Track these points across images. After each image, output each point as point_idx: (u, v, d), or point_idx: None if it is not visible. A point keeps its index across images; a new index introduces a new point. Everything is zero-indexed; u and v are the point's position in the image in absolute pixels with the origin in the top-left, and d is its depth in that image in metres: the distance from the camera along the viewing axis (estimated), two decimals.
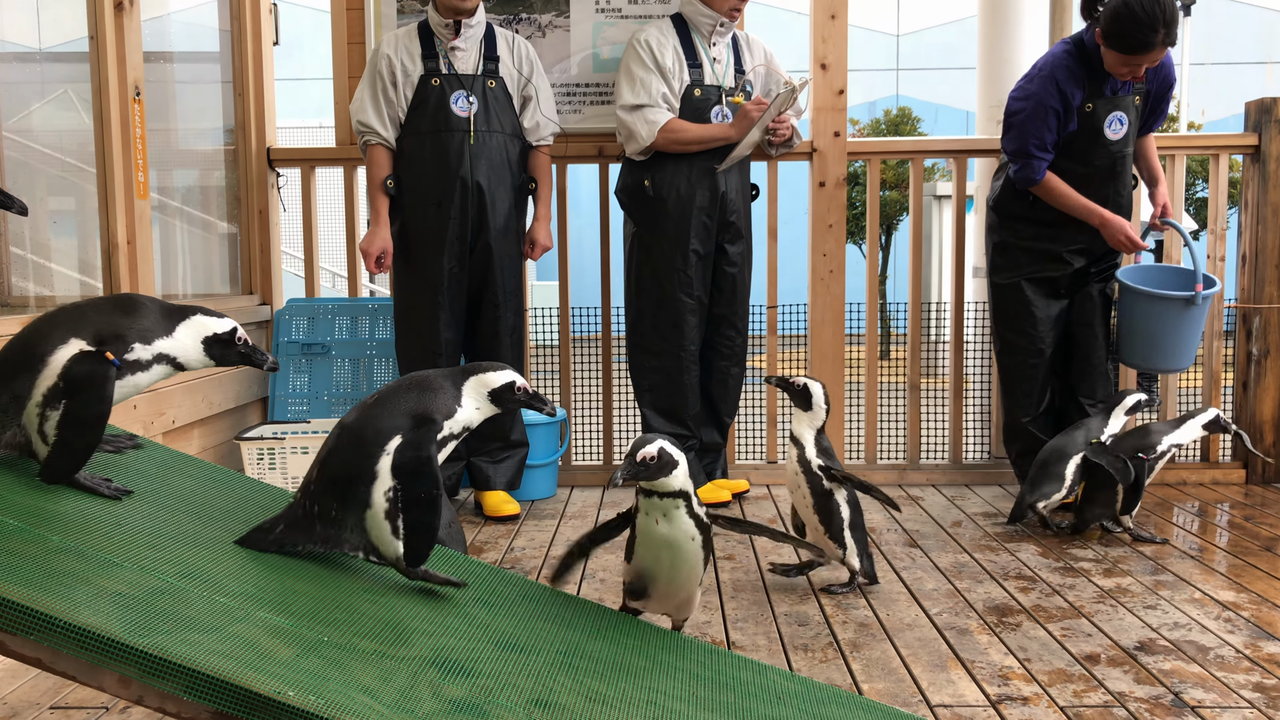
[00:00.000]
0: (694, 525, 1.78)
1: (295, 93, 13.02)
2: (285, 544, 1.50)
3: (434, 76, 3.13)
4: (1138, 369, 3.33)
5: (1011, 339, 3.36)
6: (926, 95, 15.80)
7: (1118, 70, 3.09)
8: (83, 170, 3.00)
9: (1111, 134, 3.19)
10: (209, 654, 1.14)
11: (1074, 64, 3.15)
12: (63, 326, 1.44)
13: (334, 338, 3.63)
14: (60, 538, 1.31)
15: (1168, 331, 3.15)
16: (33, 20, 3.46)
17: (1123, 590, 2.54)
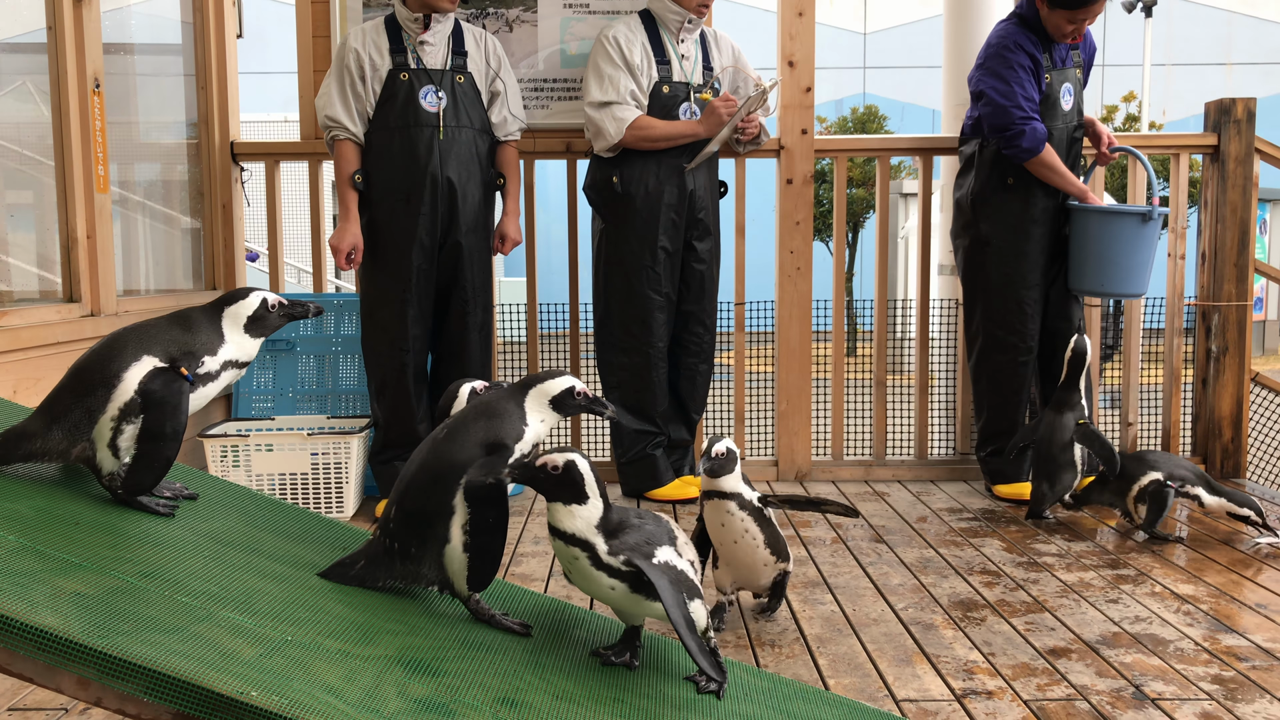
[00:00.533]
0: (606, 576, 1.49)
1: (260, 86, 12.89)
2: (366, 580, 1.52)
3: (403, 71, 3.11)
4: (1091, 294, 3.32)
5: (1002, 336, 3.37)
6: (893, 93, 15.91)
7: (1063, 29, 3.15)
8: (41, 163, 2.95)
9: (1065, 104, 3.27)
10: (170, 654, 1.12)
11: (1027, 30, 3.22)
12: (133, 345, 1.52)
13: (299, 334, 3.59)
14: (17, 537, 1.29)
15: (1121, 252, 3.16)
16: None
17: (1085, 584, 2.57)
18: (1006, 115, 3.17)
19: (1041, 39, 3.21)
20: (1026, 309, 3.34)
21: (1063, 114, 3.26)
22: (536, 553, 2.87)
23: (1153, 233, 3.19)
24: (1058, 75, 3.22)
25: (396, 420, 3.23)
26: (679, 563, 1.53)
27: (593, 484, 1.50)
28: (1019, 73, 3.16)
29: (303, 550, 1.58)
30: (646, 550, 1.49)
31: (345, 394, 3.58)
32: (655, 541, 1.52)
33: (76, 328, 2.72)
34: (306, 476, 3.19)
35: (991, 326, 3.40)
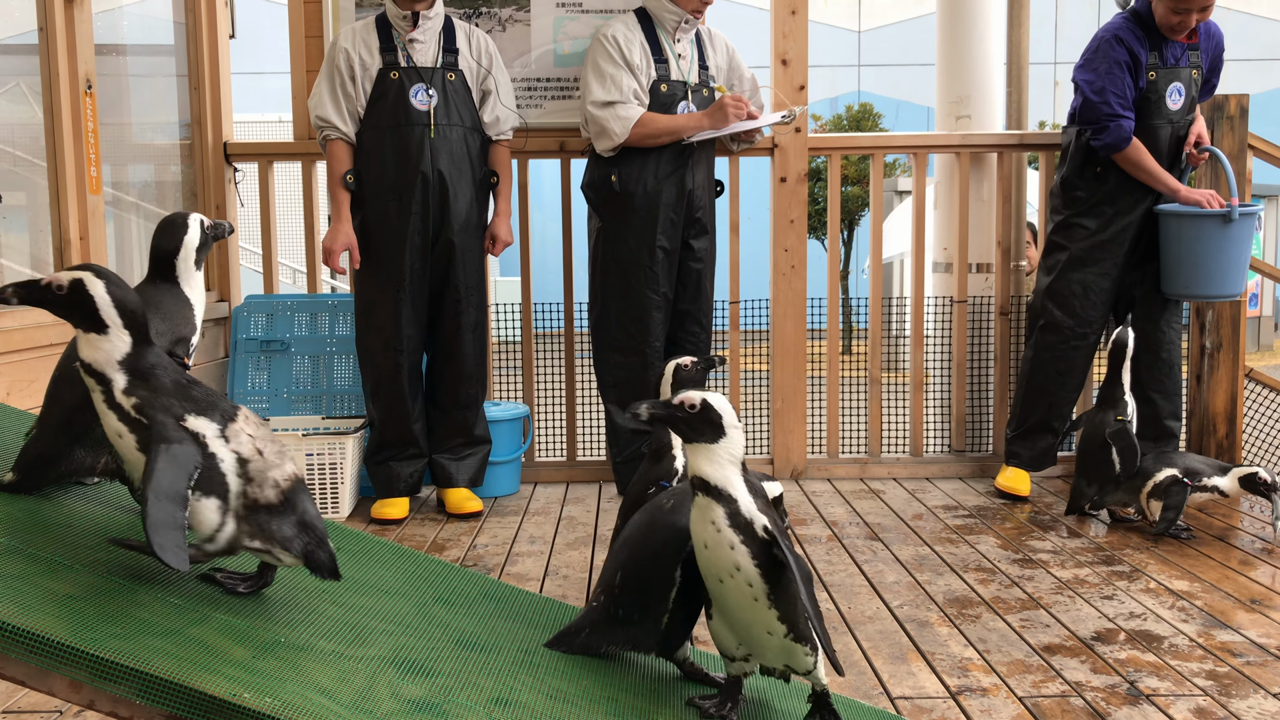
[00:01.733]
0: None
1: (253, 86, 12.85)
2: (591, 647, 1.53)
3: (393, 69, 3.10)
4: (1181, 297, 3.31)
5: (1059, 316, 3.37)
6: (888, 91, 15.91)
7: (1169, 21, 3.16)
8: (34, 164, 2.94)
9: (1172, 104, 3.25)
10: (162, 656, 1.12)
11: (1134, 28, 3.23)
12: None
13: (293, 334, 3.59)
14: (9, 539, 1.28)
15: (1204, 254, 3.16)
16: None
17: (1080, 581, 2.58)
18: (1095, 109, 3.22)
19: (1153, 37, 3.22)
20: (1091, 295, 3.34)
21: (1168, 112, 3.26)
22: (532, 552, 2.87)
23: (1240, 233, 3.15)
24: (1166, 74, 3.23)
25: (391, 420, 3.23)
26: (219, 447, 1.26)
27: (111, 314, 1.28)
28: (1114, 68, 3.19)
29: None
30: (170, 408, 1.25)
31: (340, 394, 3.58)
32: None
33: (69, 330, 2.71)
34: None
35: (1051, 305, 3.41)
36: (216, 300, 3.69)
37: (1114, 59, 3.20)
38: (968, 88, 4.31)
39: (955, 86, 4.31)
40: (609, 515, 3.26)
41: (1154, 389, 3.38)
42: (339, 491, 3.20)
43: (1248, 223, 3.17)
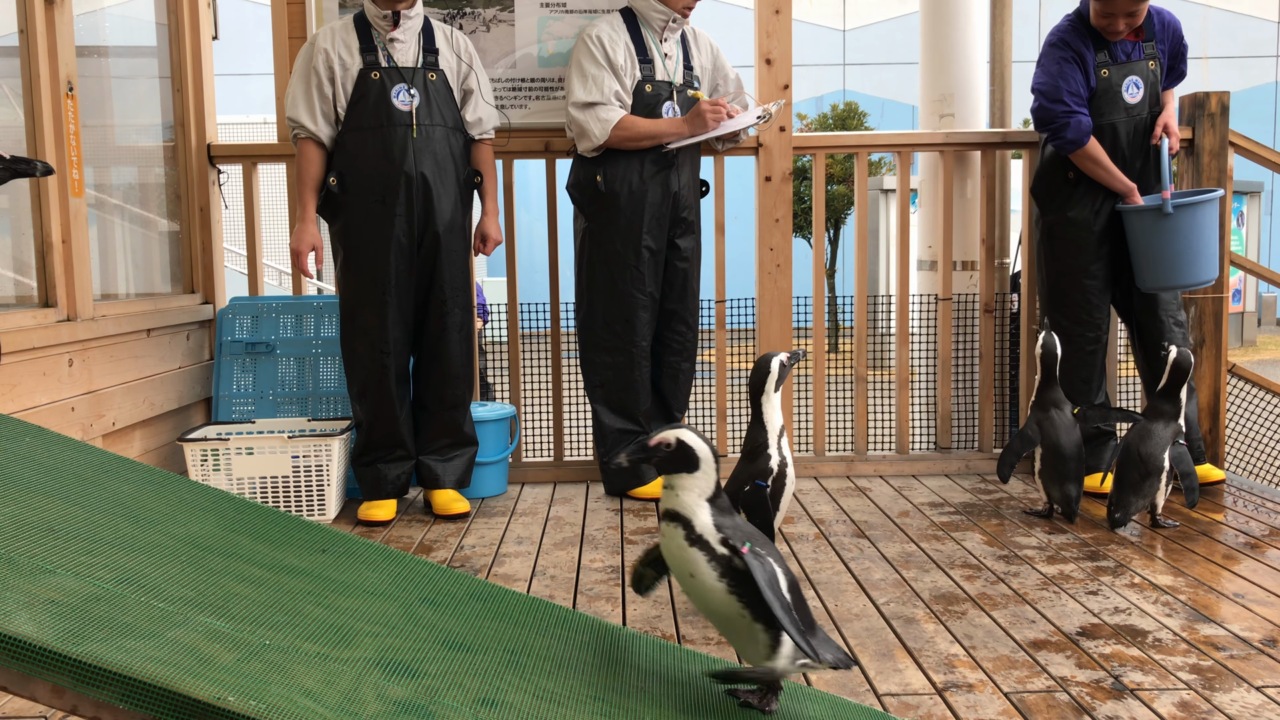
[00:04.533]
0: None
1: (237, 88, 12.81)
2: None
3: (374, 70, 3.10)
4: (1154, 289, 3.31)
5: (1066, 325, 3.39)
6: (873, 90, 15.95)
7: (1099, 24, 3.20)
8: None
9: (1129, 97, 3.27)
10: (146, 661, 1.12)
11: (1078, 27, 3.27)
12: None
13: (279, 336, 3.58)
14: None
15: (1167, 245, 3.18)
16: None
17: (1065, 577, 2.59)
18: (1050, 110, 3.24)
19: (1099, 35, 3.25)
20: (1091, 299, 3.36)
21: (1127, 106, 3.28)
22: (519, 553, 2.87)
23: (1198, 221, 3.17)
24: (1119, 70, 3.26)
25: (379, 422, 3.22)
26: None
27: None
28: (1063, 66, 3.22)
29: (281, 553, 1.57)
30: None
31: (326, 396, 3.57)
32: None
33: (53, 333, 2.70)
34: (288, 479, 3.17)
35: (1057, 315, 3.42)
36: (201, 302, 3.68)
37: (1061, 58, 3.24)
38: (951, 86, 4.33)
39: (939, 85, 4.33)
40: (596, 515, 3.26)
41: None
42: (325, 493, 3.19)
43: (1206, 210, 3.20)
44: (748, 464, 2.33)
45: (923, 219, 4.44)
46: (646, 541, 2.96)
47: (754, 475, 2.32)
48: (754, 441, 2.33)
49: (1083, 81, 3.23)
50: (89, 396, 2.86)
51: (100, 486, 1.59)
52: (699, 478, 1.52)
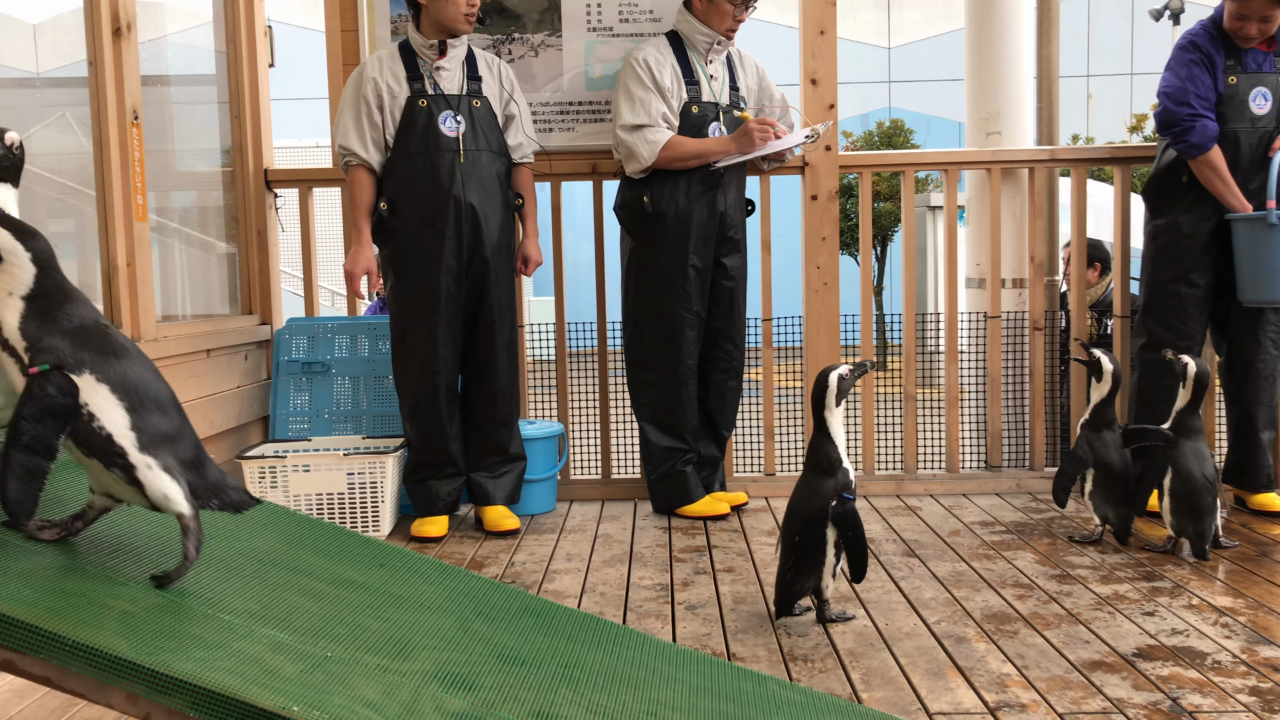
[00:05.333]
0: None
1: (291, 112, 13.06)
2: None
3: (421, 97, 3.16)
4: (1253, 304, 3.26)
5: (1158, 332, 3.34)
6: (919, 107, 15.89)
7: (1232, 27, 3.18)
8: (81, 193, 3.02)
9: (1256, 108, 3.24)
10: (214, 670, 1.16)
11: (1211, 33, 3.25)
12: None
13: (334, 356, 3.65)
14: (67, 557, 1.33)
15: (1263, 258, 3.14)
16: (30, 46, 3.49)
17: (1120, 597, 2.56)
18: (1175, 113, 3.22)
19: (1233, 42, 3.24)
20: (1188, 307, 3.31)
21: (1252, 117, 3.25)
22: (569, 570, 2.89)
23: None
24: (1247, 79, 3.23)
25: (429, 440, 3.27)
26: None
27: None
28: (1192, 70, 3.21)
29: (341, 568, 1.61)
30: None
31: (379, 415, 3.63)
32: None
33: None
34: (343, 496, 3.23)
35: (1150, 321, 3.38)
36: (259, 323, 3.76)
37: (1190, 61, 3.22)
38: (998, 103, 4.32)
39: (985, 102, 4.32)
40: (644, 533, 3.28)
41: (1250, 399, 3.34)
42: (379, 510, 3.25)
43: None
44: (824, 479, 2.34)
45: (971, 236, 4.42)
46: (695, 559, 2.97)
47: (838, 489, 2.33)
48: (827, 457, 2.35)
49: (1210, 86, 3.20)
50: None
51: None
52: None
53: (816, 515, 2.31)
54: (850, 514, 2.32)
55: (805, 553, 2.34)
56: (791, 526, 2.35)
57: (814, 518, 2.31)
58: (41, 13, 3.92)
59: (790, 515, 2.38)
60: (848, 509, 2.32)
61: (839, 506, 2.32)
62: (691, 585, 2.73)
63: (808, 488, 2.36)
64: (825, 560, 2.34)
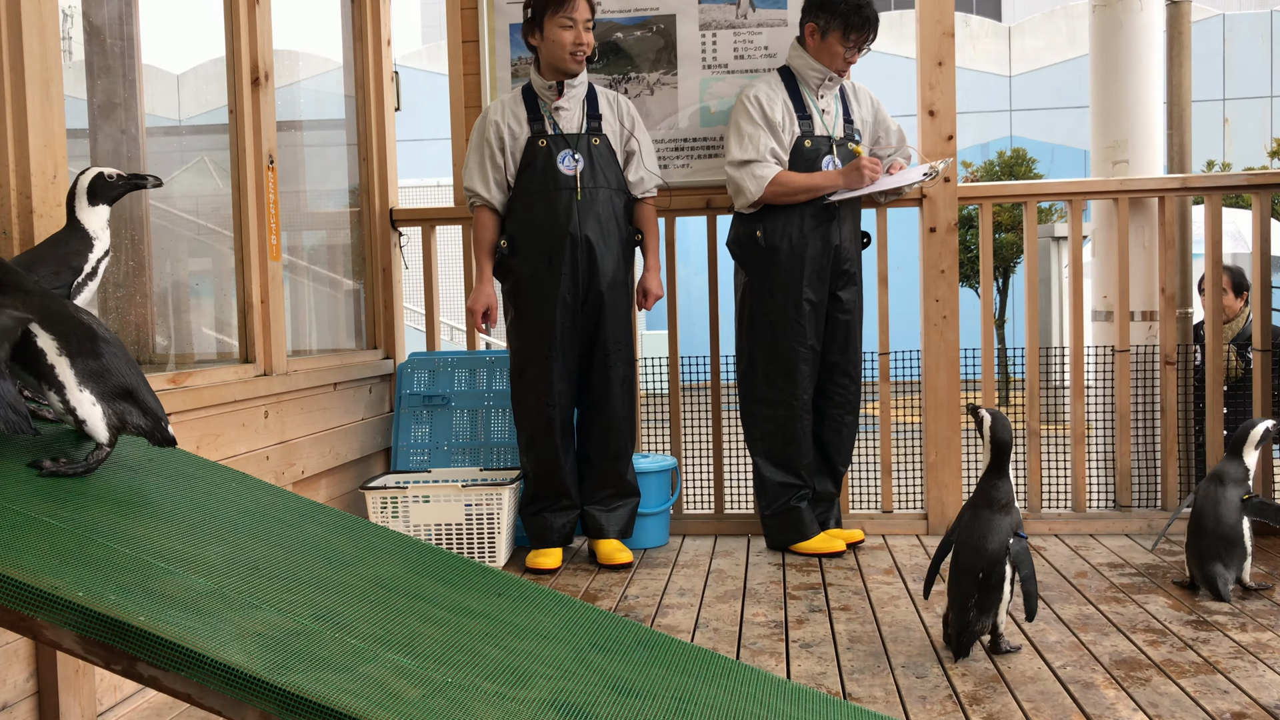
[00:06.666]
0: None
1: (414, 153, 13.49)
2: None
3: (541, 138, 3.24)
4: None
5: None
6: (1042, 135, 15.51)
7: None
8: (219, 233, 3.19)
9: None
10: (342, 693, 1.20)
11: None
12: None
13: (453, 389, 3.74)
14: (206, 581, 1.39)
15: None
16: (174, 95, 3.71)
17: (1262, 645, 2.43)
18: None
19: None
20: None
21: None
22: (682, 604, 2.89)
23: None
24: None
25: (545, 473, 3.32)
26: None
27: None
28: None
29: (460, 595, 1.65)
30: None
31: (497, 447, 3.70)
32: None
33: (250, 387, 2.91)
34: (461, 527, 3.30)
35: None
36: (382, 357, 3.89)
37: None
38: (1125, 131, 4.19)
39: (1111, 130, 4.20)
40: (758, 569, 3.26)
41: None
42: (495, 541, 3.30)
43: None
44: (1002, 516, 2.38)
45: (1097, 268, 4.29)
46: (810, 597, 2.94)
47: (1015, 528, 2.39)
48: (1005, 495, 2.41)
49: None
50: (281, 446, 3.06)
51: (297, 529, 1.71)
52: None
53: (999, 552, 2.34)
54: (1026, 552, 2.38)
55: (988, 591, 2.35)
56: (974, 564, 2.35)
57: (997, 555, 2.35)
58: (185, 64, 4.17)
59: (969, 553, 2.37)
60: (1024, 547, 2.37)
61: (1017, 544, 2.36)
62: (806, 623, 2.70)
63: (985, 525, 2.38)
64: (1004, 598, 2.37)
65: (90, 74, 2.92)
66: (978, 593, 2.34)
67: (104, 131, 2.94)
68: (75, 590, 1.23)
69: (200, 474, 1.75)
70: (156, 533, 1.50)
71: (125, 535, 1.44)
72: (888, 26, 3.69)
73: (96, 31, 2.93)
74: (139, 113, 2.99)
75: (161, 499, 1.62)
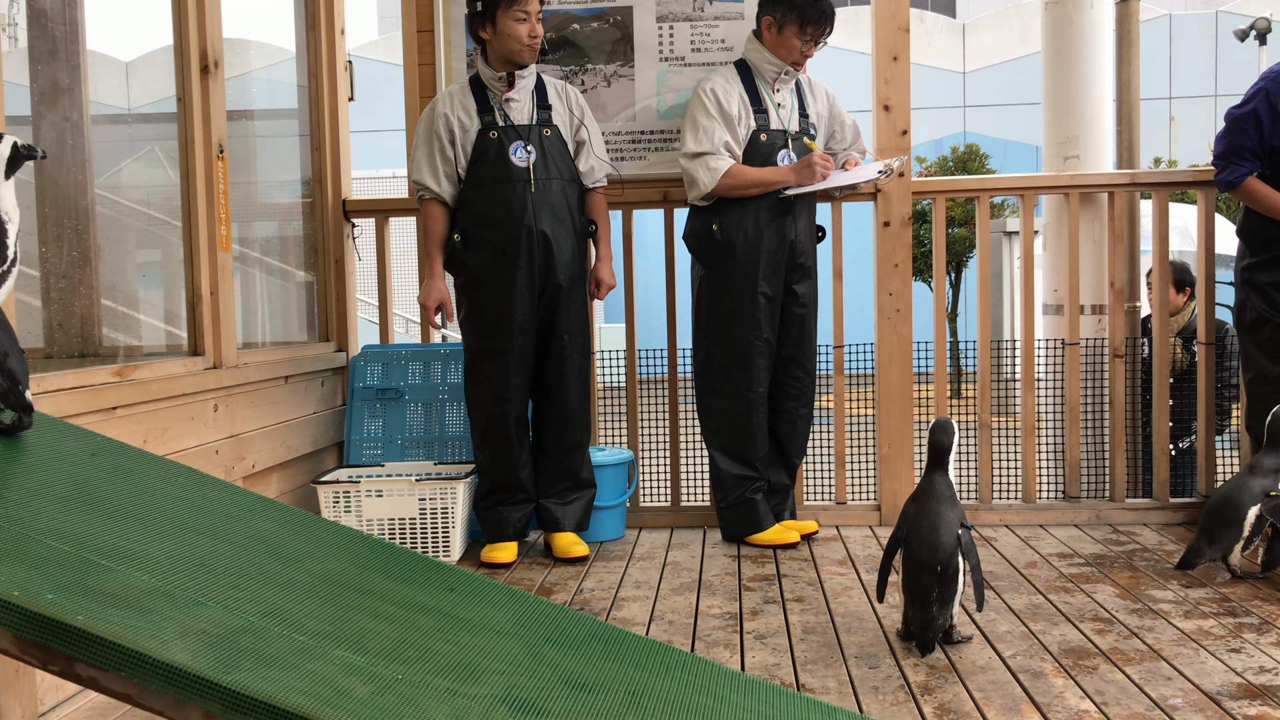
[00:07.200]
0: None
1: (369, 144, 13.36)
2: None
3: (492, 129, 3.22)
4: None
5: (1269, 367, 3.28)
6: (995, 131, 15.70)
7: None
8: (168, 224, 3.13)
9: None
10: (288, 691, 1.18)
11: None
12: None
13: (407, 382, 3.71)
14: (149, 578, 1.37)
15: None
16: (123, 83, 3.63)
17: (1204, 633, 2.48)
18: (1220, 146, 3.27)
19: None
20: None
21: None
22: (638, 597, 2.89)
23: None
24: None
25: (500, 467, 3.30)
26: None
27: None
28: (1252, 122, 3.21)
29: (412, 591, 1.64)
30: None
31: (451, 441, 3.68)
32: None
33: (200, 380, 2.86)
34: (414, 521, 3.27)
35: (1255, 353, 3.32)
36: (335, 350, 3.85)
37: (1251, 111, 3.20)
38: (1076, 127, 4.25)
39: (1063, 126, 4.26)
40: (713, 561, 3.27)
41: None
42: (450, 535, 3.28)
43: None
44: (951, 509, 2.42)
45: (1048, 262, 4.35)
46: (765, 588, 2.95)
47: (961, 519, 2.42)
48: (950, 487, 2.46)
49: (1258, 138, 3.19)
50: (232, 440, 3.01)
51: (246, 525, 1.68)
52: None
53: (953, 545, 2.38)
54: (973, 542, 2.42)
55: (946, 583, 2.37)
56: (932, 559, 2.37)
57: (952, 548, 2.38)
58: (134, 51, 4.09)
59: (925, 547, 2.38)
60: (970, 538, 2.41)
61: (965, 535, 2.40)
62: (761, 614, 2.71)
63: (935, 518, 2.40)
64: (959, 588, 2.40)
65: (33, 60, 2.85)
66: (938, 586, 2.36)
67: (47, 119, 2.88)
68: (11, 589, 1.21)
69: (145, 468, 1.72)
70: (98, 529, 1.47)
71: (65, 532, 1.41)
72: (844, 22, 3.71)
73: (40, 16, 2.86)
74: (84, 100, 2.92)
75: (104, 494, 1.59)
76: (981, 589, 2.38)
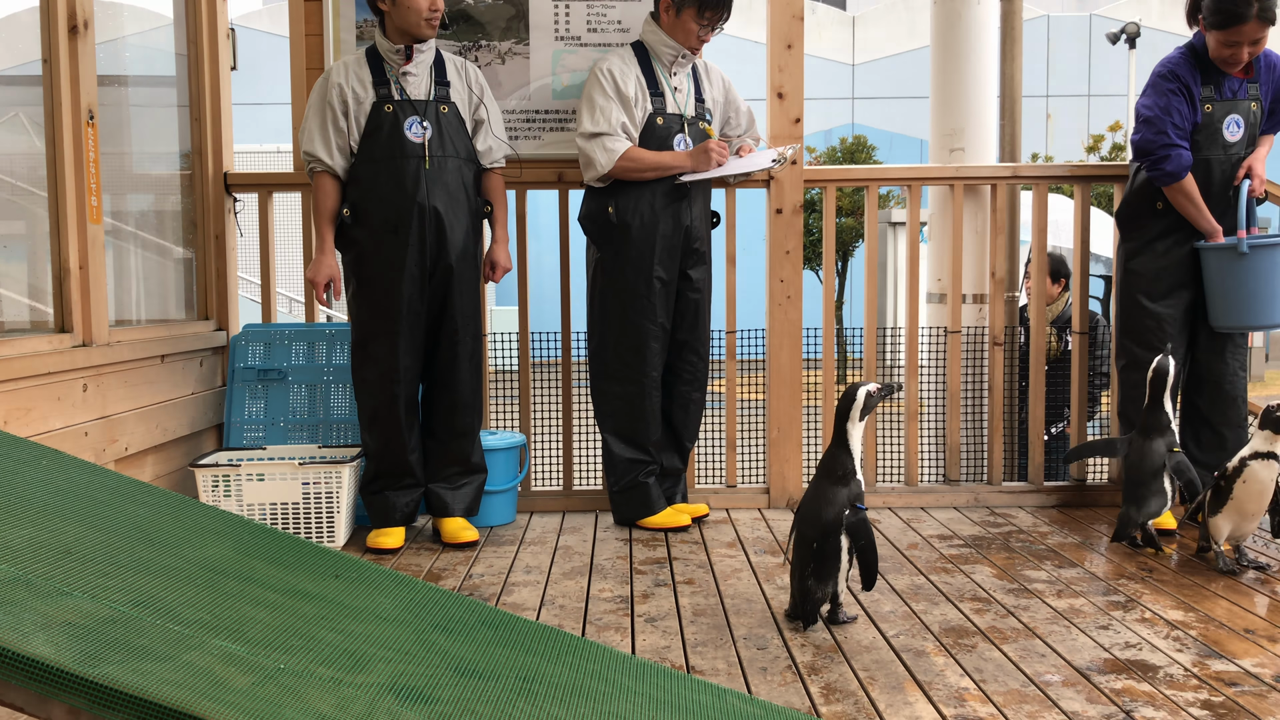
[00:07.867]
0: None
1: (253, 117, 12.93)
2: None
3: (387, 103, 3.13)
4: (1226, 329, 3.33)
5: (1140, 354, 3.39)
6: (881, 124, 16.06)
7: (1220, 54, 3.22)
8: (33, 194, 2.96)
9: (1229, 135, 3.29)
10: (161, 684, 1.12)
11: (1190, 60, 3.29)
12: None
13: (291, 363, 3.60)
14: (9, 566, 1.29)
15: (1240, 286, 3.21)
16: None
17: (1076, 611, 2.58)
18: (1152, 140, 3.28)
19: (1208, 70, 3.28)
20: (1165, 327, 3.36)
21: (1225, 144, 3.31)
22: (528, 582, 2.87)
23: (1269, 263, 3.19)
24: (1222, 106, 3.28)
25: (388, 451, 3.23)
26: None
27: None
28: (1170, 99, 3.25)
29: (295, 578, 1.58)
30: None
31: (337, 423, 3.58)
32: None
33: (68, 358, 2.72)
34: (298, 506, 3.18)
35: (1130, 343, 3.44)
36: (215, 329, 3.71)
37: (1169, 90, 3.27)
38: (961, 120, 4.37)
39: (948, 119, 4.36)
40: (605, 545, 3.26)
41: (1219, 421, 3.41)
42: (335, 520, 3.20)
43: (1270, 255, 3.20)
44: (839, 487, 2.42)
45: (932, 252, 4.46)
46: (656, 571, 2.96)
47: (852, 499, 2.43)
48: (844, 467, 2.44)
49: (1188, 115, 3.26)
50: (102, 421, 2.87)
51: (116, 510, 1.60)
52: None
53: (834, 523, 2.39)
54: (863, 523, 2.41)
55: (823, 560, 2.40)
56: (809, 533, 2.40)
57: (831, 525, 2.39)
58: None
59: (805, 522, 2.42)
60: (861, 518, 2.41)
61: (853, 515, 2.40)
62: (651, 597, 2.72)
63: (822, 495, 2.42)
64: (840, 567, 2.42)
65: None
66: (814, 561, 2.40)
67: None
68: None
69: (5, 450, 1.62)
70: None
71: None
72: (739, 9, 3.72)
73: None
74: None
75: None
76: (872, 570, 2.42)
